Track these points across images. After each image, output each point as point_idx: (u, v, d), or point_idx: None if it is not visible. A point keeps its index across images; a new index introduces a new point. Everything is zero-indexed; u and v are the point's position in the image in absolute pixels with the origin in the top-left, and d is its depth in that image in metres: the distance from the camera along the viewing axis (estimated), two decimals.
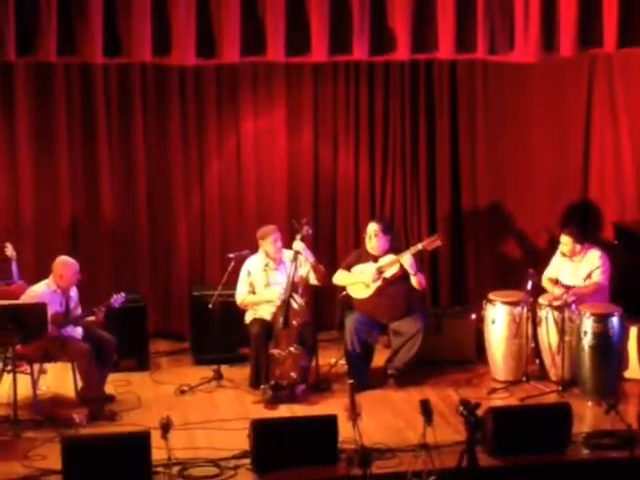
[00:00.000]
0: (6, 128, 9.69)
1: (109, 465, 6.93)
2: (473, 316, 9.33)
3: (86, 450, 6.99)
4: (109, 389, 8.47)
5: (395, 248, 8.91)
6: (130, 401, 8.43)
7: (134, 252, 10.00)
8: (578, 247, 8.80)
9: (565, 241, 8.84)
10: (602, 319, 8.33)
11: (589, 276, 8.70)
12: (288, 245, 8.87)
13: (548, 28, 8.69)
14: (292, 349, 8.43)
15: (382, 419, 8.01)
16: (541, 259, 9.32)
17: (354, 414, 7.02)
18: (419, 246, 8.79)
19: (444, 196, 10.32)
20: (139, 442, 7.02)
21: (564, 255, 8.88)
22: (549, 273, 8.98)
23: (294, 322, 8.51)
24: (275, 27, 8.44)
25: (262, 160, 10.11)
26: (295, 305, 8.55)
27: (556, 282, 8.80)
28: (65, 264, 8.30)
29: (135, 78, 9.74)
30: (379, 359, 9.01)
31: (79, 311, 8.40)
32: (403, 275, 8.73)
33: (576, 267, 8.83)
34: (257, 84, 9.98)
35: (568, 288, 8.65)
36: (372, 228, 8.85)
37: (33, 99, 9.67)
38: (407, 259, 8.64)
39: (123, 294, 8.38)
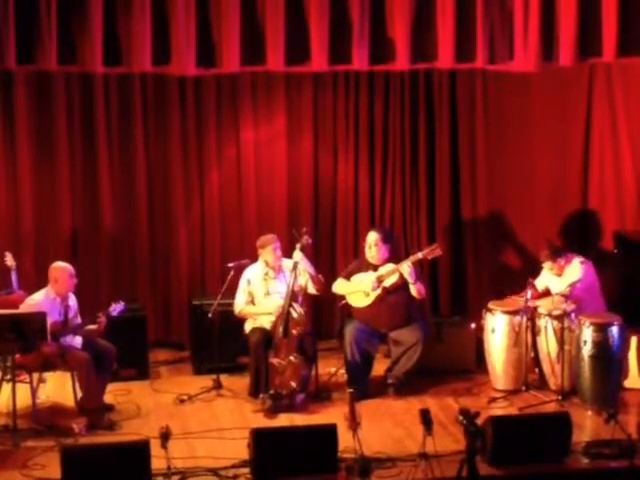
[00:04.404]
0: (6, 136, 9.69)
1: (108, 474, 6.91)
2: (473, 325, 9.33)
3: (85, 459, 6.96)
4: (109, 398, 8.46)
5: (395, 257, 8.91)
6: (129, 410, 8.42)
7: (134, 261, 10.01)
8: (562, 261, 8.85)
9: (548, 266, 8.91)
10: (602, 328, 8.32)
11: (571, 286, 8.71)
12: (288, 254, 8.87)
13: (547, 38, 8.73)
14: (292, 358, 8.43)
15: (382, 428, 7.99)
16: (540, 268, 9.31)
17: (354, 423, 7.01)
18: (419, 255, 8.79)
19: (444, 205, 10.33)
20: (138, 451, 7.00)
21: (556, 275, 8.91)
22: (537, 285, 8.98)
23: (294, 331, 8.51)
24: (275, 37, 8.47)
25: (262, 169, 10.12)
26: (295, 314, 8.55)
27: (547, 292, 8.85)
28: (58, 268, 8.31)
29: (135, 88, 9.75)
30: (379, 368, 9.01)
31: (78, 320, 8.40)
32: (403, 284, 8.73)
33: (563, 276, 8.87)
34: (257, 93, 9.99)
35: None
36: (372, 237, 8.86)
37: (33, 108, 9.68)
38: (406, 268, 8.64)
39: (122, 303, 8.38)
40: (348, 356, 8.74)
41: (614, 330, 8.33)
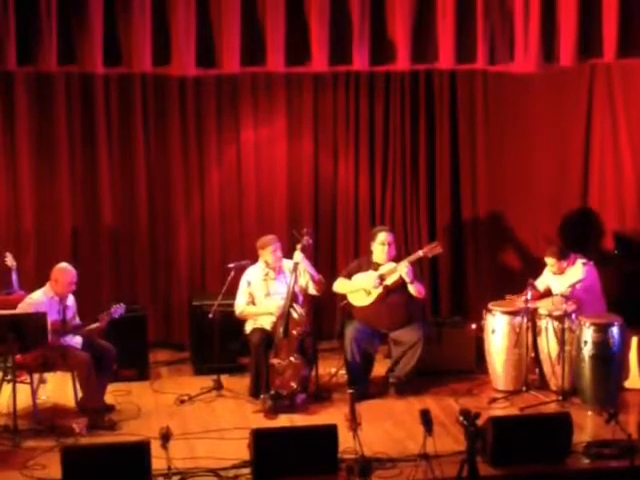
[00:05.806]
0: (6, 137, 9.71)
1: (109, 475, 6.91)
2: (473, 326, 9.32)
3: (86, 460, 6.96)
4: (109, 399, 8.46)
5: (397, 256, 8.92)
6: (130, 411, 8.42)
7: (134, 262, 10.01)
8: (564, 263, 8.83)
9: (551, 262, 8.89)
10: (602, 329, 8.32)
11: (572, 286, 8.69)
12: (288, 255, 8.87)
13: (548, 38, 8.72)
14: (292, 359, 8.43)
15: (382, 429, 7.99)
16: (541, 268, 9.31)
17: (354, 424, 7.01)
18: (419, 253, 8.80)
19: (444, 205, 10.34)
20: (139, 452, 7.00)
21: (554, 273, 8.91)
22: (539, 285, 8.97)
23: (294, 332, 8.51)
24: (275, 37, 8.47)
25: (262, 170, 10.12)
26: (295, 315, 8.55)
27: (549, 292, 8.86)
28: (62, 270, 8.29)
29: (135, 88, 9.77)
30: (379, 368, 9.01)
31: (77, 321, 8.39)
32: (404, 284, 8.73)
33: (564, 277, 8.86)
34: (257, 94, 10.00)
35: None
36: (387, 237, 8.81)
37: (33, 108, 9.69)
38: (404, 267, 8.63)
39: (123, 305, 8.37)
40: (348, 356, 8.74)
41: (614, 330, 8.33)
